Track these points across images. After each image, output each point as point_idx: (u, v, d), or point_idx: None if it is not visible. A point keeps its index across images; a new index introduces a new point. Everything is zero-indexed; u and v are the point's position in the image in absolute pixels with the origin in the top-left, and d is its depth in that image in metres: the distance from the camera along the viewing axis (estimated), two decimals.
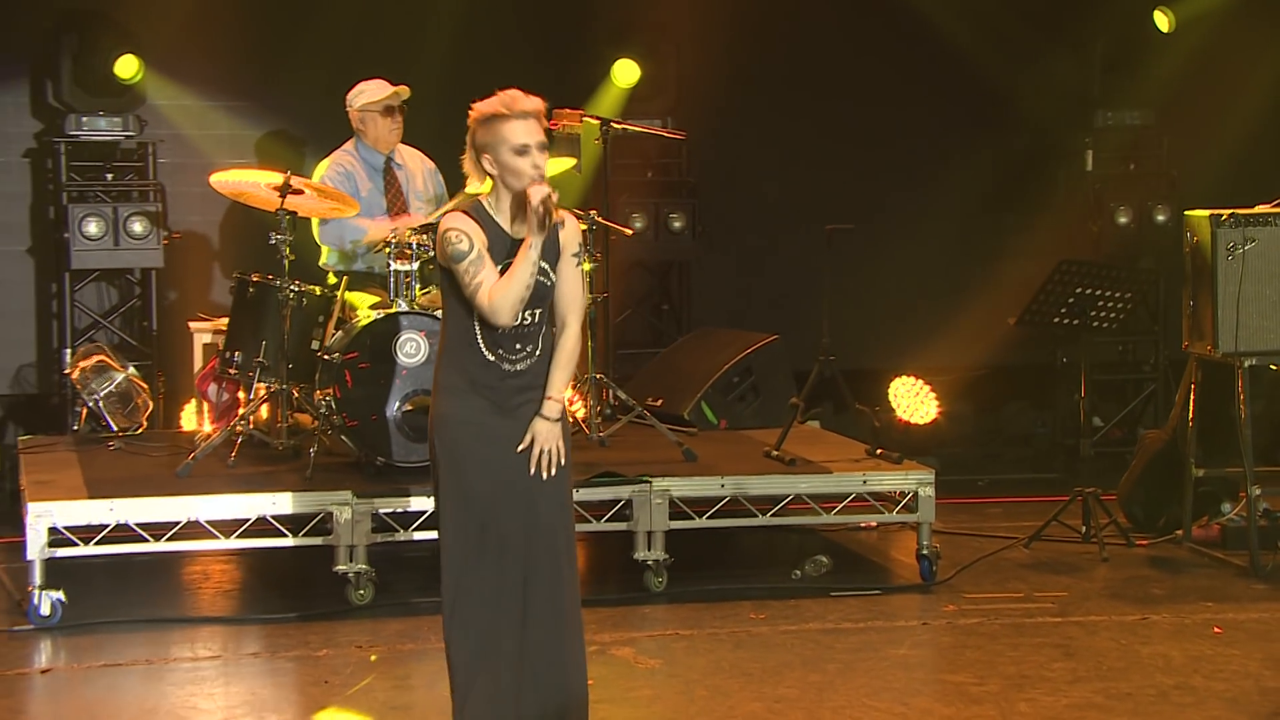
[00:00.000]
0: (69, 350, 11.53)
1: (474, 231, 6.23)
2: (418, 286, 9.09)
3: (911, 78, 12.89)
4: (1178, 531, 10.02)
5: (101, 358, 10.77)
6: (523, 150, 6.18)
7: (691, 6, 12.37)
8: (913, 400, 12.70)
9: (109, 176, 11.95)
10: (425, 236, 9.02)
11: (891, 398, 12.76)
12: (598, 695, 7.30)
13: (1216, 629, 8.54)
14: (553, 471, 6.43)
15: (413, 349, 8.97)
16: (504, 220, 6.26)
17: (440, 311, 6.69)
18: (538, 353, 6.34)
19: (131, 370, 10.85)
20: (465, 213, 6.34)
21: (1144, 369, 12.55)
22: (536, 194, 6.10)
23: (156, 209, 11.70)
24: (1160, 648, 8.29)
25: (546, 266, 6.32)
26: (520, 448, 6.37)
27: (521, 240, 6.24)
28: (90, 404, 10.71)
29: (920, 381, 12.71)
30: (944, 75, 12.84)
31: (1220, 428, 9.71)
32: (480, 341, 6.31)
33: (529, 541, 6.42)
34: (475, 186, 6.46)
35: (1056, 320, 10.37)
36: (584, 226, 9.53)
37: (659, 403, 10.89)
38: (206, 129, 12.22)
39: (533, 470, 6.38)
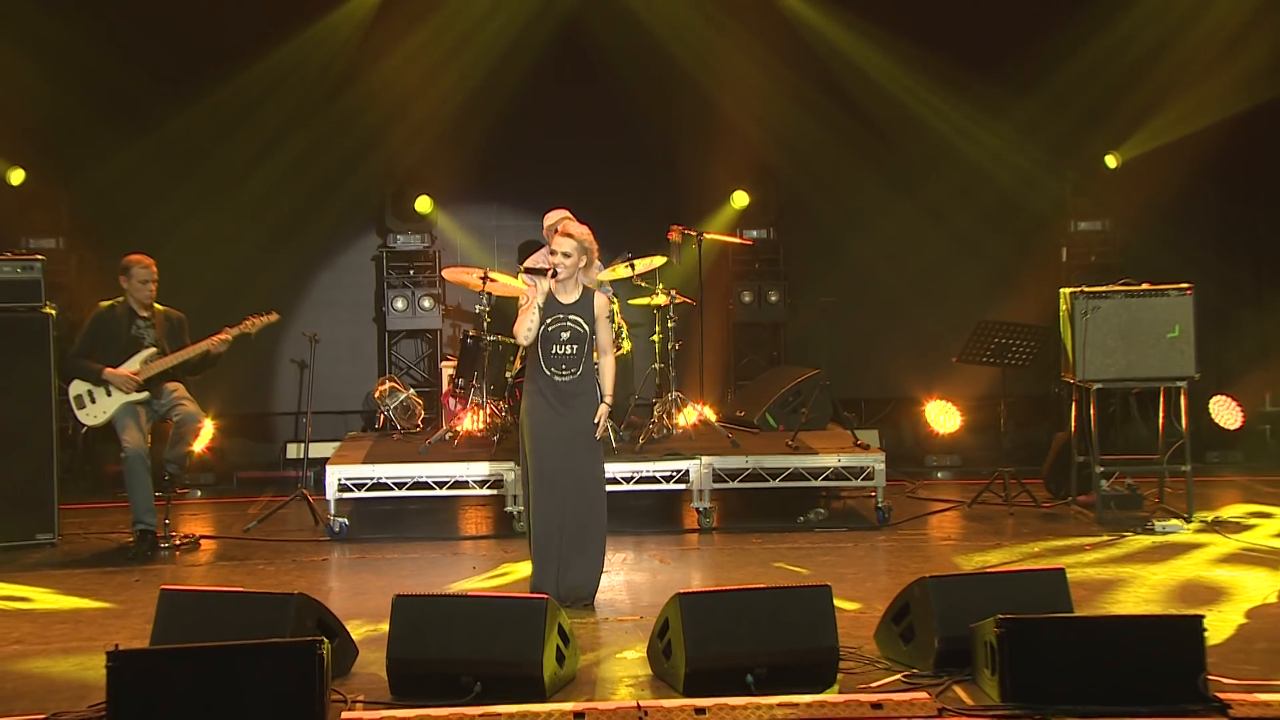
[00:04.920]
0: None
1: (530, 294, 8.90)
2: None
3: (946, 193, 14.73)
4: (1068, 498, 12.10)
5: (393, 384, 13.17)
6: (552, 252, 8.97)
7: (789, 153, 14.55)
8: (942, 416, 14.59)
9: (411, 272, 14.45)
10: None
11: (927, 414, 14.62)
12: (618, 572, 9.92)
13: (1036, 549, 10.47)
14: (600, 436, 8.87)
15: None
16: (556, 291, 8.86)
17: None
18: (578, 373, 8.95)
19: (411, 392, 13.25)
20: (533, 285, 8.85)
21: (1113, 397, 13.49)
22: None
23: (438, 292, 14.31)
24: (979, 557, 10.22)
25: (581, 320, 8.83)
26: (595, 419, 8.75)
27: (567, 303, 8.86)
28: (385, 413, 13.13)
29: (947, 402, 14.48)
30: (972, 193, 14.82)
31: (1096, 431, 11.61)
32: (541, 362, 8.97)
33: (571, 481, 8.95)
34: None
35: (984, 360, 12.28)
36: (664, 301, 12.31)
37: (742, 413, 13.10)
38: (486, 238, 14.65)
39: (598, 435, 8.80)
